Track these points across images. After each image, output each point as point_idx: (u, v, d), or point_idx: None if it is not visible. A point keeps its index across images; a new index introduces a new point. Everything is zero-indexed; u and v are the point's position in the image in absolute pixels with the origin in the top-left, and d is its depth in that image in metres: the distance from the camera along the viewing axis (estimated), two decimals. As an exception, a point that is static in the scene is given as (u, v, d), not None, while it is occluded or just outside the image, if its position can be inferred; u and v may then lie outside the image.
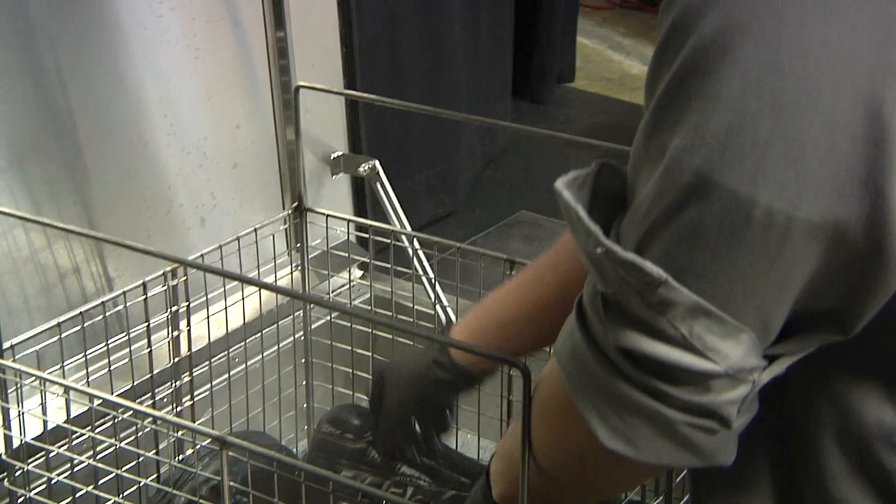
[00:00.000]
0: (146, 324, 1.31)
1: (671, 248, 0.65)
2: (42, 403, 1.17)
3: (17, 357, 1.18)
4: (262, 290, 1.46)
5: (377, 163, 1.71)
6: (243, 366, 1.47)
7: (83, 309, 1.27)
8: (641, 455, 0.69)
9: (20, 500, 1.20)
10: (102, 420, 1.22)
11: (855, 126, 0.62)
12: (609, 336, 0.68)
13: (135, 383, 1.31)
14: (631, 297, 0.66)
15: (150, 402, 1.34)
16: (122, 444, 1.20)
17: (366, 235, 1.51)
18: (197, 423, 1.34)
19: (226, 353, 1.43)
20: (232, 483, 1.05)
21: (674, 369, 0.66)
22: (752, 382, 0.67)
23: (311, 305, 1.51)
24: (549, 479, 0.82)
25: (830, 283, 0.65)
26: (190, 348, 1.36)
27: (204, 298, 1.36)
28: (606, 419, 0.69)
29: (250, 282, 1.37)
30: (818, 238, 0.63)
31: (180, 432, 1.32)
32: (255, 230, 1.41)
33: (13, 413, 1.17)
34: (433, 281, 1.54)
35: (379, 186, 1.70)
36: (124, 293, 1.29)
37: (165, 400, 1.36)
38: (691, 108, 0.64)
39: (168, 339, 1.35)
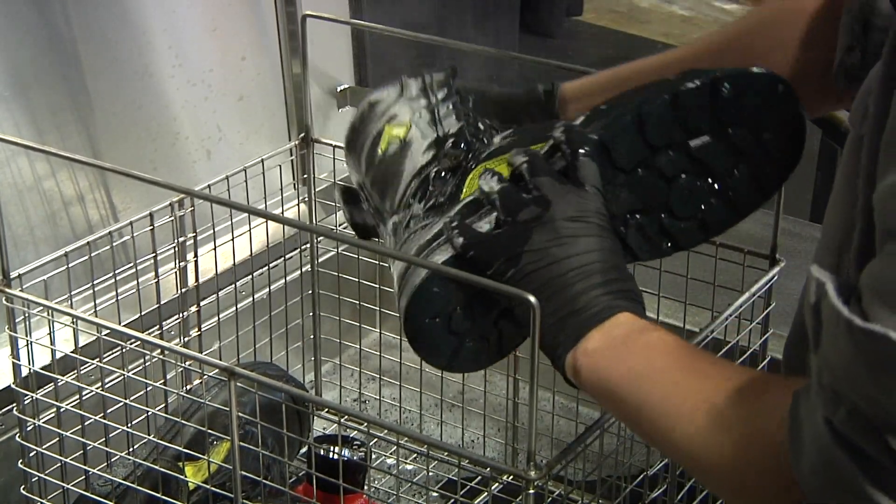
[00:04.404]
0: (153, 254, 1.31)
1: None
2: (50, 333, 1.17)
3: (24, 287, 1.19)
4: (270, 222, 1.45)
5: (384, 95, 1.70)
6: (250, 297, 1.47)
7: (90, 239, 1.27)
8: None
9: (29, 429, 1.20)
10: (110, 350, 1.23)
11: None
12: None
13: (142, 314, 1.32)
14: None
15: (158, 332, 1.34)
16: (130, 374, 1.21)
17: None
18: (204, 353, 1.34)
19: (233, 284, 1.43)
20: (240, 413, 1.06)
21: None
22: None
23: (319, 238, 1.51)
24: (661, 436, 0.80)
25: None
26: (197, 279, 1.36)
27: (211, 231, 1.36)
28: None
29: (258, 213, 1.37)
30: None
31: (188, 363, 1.33)
32: (262, 160, 1.41)
33: (21, 343, 1.18)
34: (440, 213, 1.54)
35: (385, 119, 1.69)
36: (131, 223, 1.29)
37: (173, 332, 1.37)
38: None
39: (175, 270, 1.35)
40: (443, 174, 0.99)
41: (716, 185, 0.96)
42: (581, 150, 0.91)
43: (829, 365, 0.65)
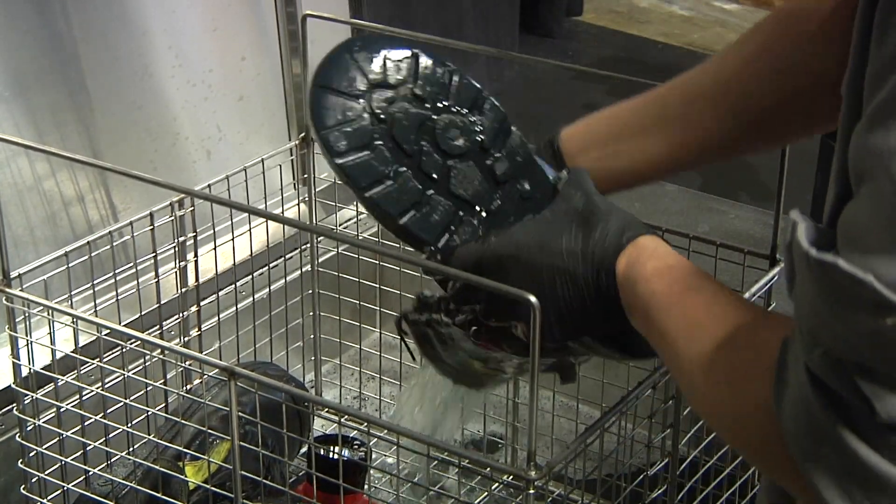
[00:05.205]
0: (153, 254, 1.31)
1: None
2: (50, 333, 1.17)
3: (24, 287, 1.19)
4: (270, 222, 1.45)
5: (384, 95, 1.70)
6: (250, 298, 1.47)
7: (90, 238, 1.27)
8: None
9: (29, 429, 1.20)
10: (110, 350, 1.23)
11: None
12: (882, 413, 0.60)
13: (142, 314, 1.32)
14: None
15: (158, 332, 1.34)
16: (130, 374, 1.21)
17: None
18: (204, 353, 1.34)
19: (233, 284, 1.43)
20: (240, 413, 1.06)
21: None
22: None
23: (319, 238, 1.51)
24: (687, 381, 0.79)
25: None
26: (197, 279, 1.36)
27: (211, 231, 1.36)
28: (852, 497, 0.62)
29: (258, 213, 1.37)
30: None
31: (188, 363, 1.33)
32: (262, 160, 1.41)
33: (21, 343, 1.18)
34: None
35: (385, 119, 1.69)
36: (131, 223, 1.29)
37: (173, 332, 1.37)
38: None
39: (175, 270, 1.35)
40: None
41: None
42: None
43: (799, 305, 0.65)
